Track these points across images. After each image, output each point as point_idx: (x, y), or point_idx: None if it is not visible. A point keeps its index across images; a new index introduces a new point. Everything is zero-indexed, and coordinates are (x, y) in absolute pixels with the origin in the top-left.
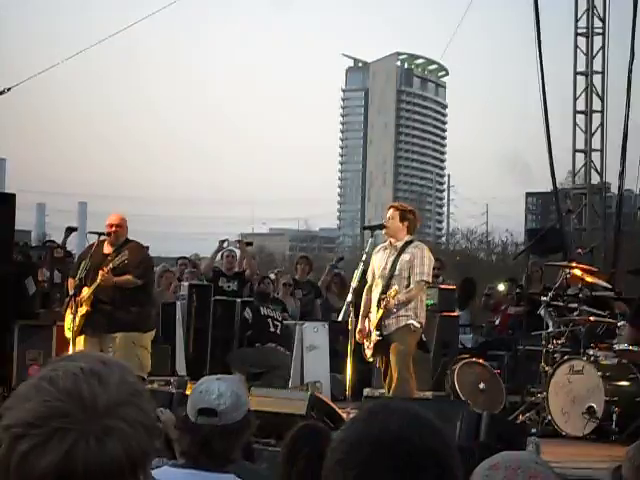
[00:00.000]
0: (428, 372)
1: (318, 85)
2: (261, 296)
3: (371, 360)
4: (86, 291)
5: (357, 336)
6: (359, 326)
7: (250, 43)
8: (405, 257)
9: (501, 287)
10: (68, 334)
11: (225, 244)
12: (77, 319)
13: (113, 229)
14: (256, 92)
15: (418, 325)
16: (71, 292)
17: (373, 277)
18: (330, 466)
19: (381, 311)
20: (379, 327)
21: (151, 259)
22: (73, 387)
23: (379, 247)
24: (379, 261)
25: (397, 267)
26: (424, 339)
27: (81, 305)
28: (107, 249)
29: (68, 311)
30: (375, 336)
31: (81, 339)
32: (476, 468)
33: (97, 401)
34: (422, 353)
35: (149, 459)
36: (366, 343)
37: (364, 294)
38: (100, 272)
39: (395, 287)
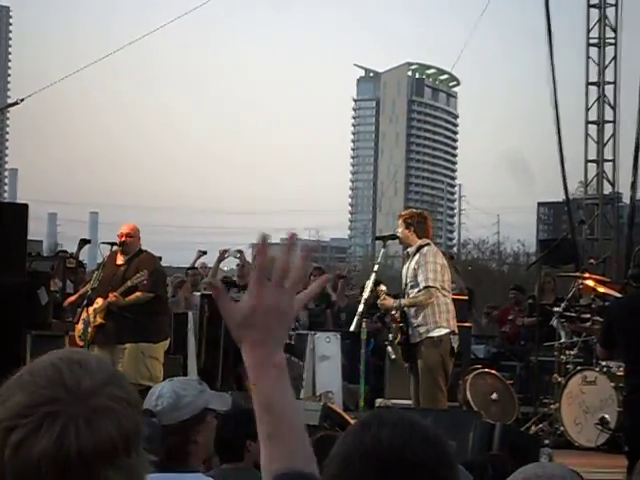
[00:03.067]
0: None
1: (329, 95)
2: None
3: (405, 365)
4: (100, 302)
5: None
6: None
7: (262, 55)
8: (412, 264)
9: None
10: (80, 343)
11: (226, 254)
12: (90, 329)
13: (124, 239)
14: (268, 103)
15: (443, 333)
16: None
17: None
18: None
19: (394, 317)
20: (403, 332)
21: (162, 270)
22: (55, 375)
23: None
24: (403, 271)
25: (408, 275)
26: (454, 344)
27: (95, 316)
28: (120, 259)
29: (80, 320)
30: (399, 338)
31: (94, 349)
32: (510, 477)
33: (81, 384)
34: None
35: (140, 436)
36: (389, 349)
37: None
38: (110, 295)
39: (381, 287)
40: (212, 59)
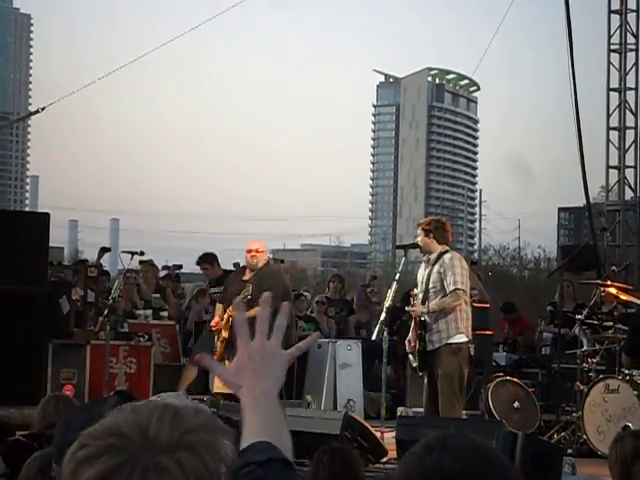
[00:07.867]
0: None
1: (349, 101)
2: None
3: (420, 374)
4: (225, 317)
5: (406, 346)
6: (409, 336)
7: (282, 60)
8: (435, 269)
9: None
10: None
11: None
12: (218, 345)
13: (251, 254)
14: (288, 109)
15: (462, 340)
16: (216, 317)
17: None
18: None
19: (415, 324)
20: (422, 339)
21: (281, 284)
22: (145, 419)
23: (422, 262)
24: (419, 277)
25: (431, 280)
26: (472, 353)
27: (221, 331)
28: (247, 275)
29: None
30: (419, 346)
31: (225, 364)
32: None
33: (160, 436)
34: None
35: None
36: (411, 357)
37: None
38: (228, 310)
39: (414, 292)
40: (230, 66)
